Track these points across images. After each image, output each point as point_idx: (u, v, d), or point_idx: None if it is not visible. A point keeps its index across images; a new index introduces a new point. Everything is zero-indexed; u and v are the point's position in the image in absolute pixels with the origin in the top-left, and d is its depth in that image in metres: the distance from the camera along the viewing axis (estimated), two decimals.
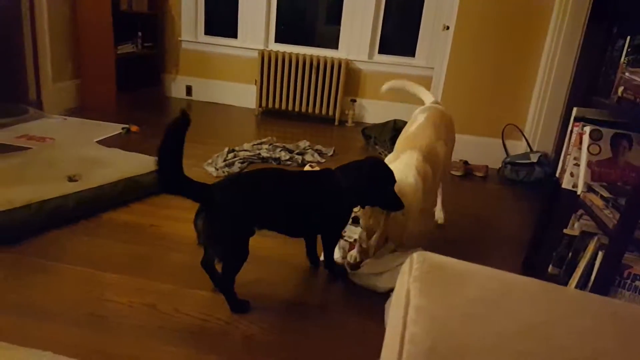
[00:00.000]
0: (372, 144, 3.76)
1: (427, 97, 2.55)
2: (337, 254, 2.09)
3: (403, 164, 1.98)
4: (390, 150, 3.61)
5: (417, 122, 2.25)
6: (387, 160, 2.05)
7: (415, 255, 0.66)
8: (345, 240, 2.16)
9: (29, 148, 3.12)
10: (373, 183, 1.77)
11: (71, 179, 2.40)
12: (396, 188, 1.88)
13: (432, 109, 2.32)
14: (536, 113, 3.49)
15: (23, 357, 1.38)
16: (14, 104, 3.88)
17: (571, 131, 1.90)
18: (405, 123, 3.95)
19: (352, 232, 2.22)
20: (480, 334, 0.56)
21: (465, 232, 2.57)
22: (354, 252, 2.03)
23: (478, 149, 3.60)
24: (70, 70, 4.34)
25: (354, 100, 4.70)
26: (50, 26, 4.02)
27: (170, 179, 1.49)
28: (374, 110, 4.71)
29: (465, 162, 3.46)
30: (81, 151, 2.86)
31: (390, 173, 1.79)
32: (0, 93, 3.81)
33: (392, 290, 1.78)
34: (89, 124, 3.94)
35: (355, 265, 1.97)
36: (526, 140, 3.55)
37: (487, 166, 3.51)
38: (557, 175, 1.99)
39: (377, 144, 3.71)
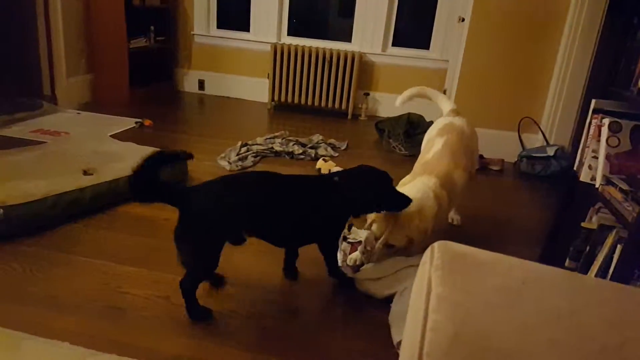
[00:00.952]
0: (386, 138, 3.74)
1: (445, 105, 2.46)
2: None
3: (421, 183, 1.99)
4: (404, 143, 3.61)
5: (434, 147, 2.15)
6: (402, 182, 2.04)
7: (436, 244, 0.65)
8: (348, 243, 2.12)
9: (44, 142, 3.15)
10: (379, 190, 1.74)
11: (86, 173, 2.42)
12: (413, 206, 1.87)
13: (450, 129, 2.21)
14: (553, 106, 3.44)
15: (41, 348, 1.40)
16: (28, 99, 3.92)
17: (590, 123, 1.87)
18: (420, 117, 3.95)
19: (356, 233, 2.18)
20: (505, 321, 0.54)
21: (481, 226, 2.54)
22: (355, 255, 1.97)
23: (493, 143, 3.56)
24: (83, 65, 4.37)
25: (367, 94, 4.68)
26: (64, 21, 4.05)
27: (144, 183, 1.41)
28: (387, 104, 4.67)
29: (481, 156, 3.42)
30: (96, 145, 2.88)
31: (387, 176, 1.77)
32: (16, 88, 3.86)
33: (389, 296, 1.76)
34: (103, 118, 3.98)
35: (356, 268, 1.93)
36: (542, 133, 3.49)
37: (502, 160, 3.47)
38: (574, 168, 1.96)
39: (390, 138, 3.69)
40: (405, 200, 1.76)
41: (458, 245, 0.65)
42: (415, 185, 1.99)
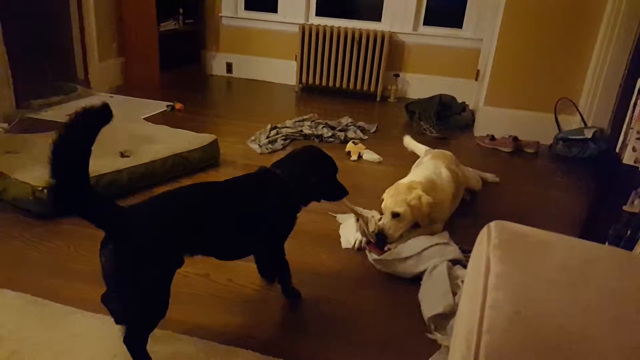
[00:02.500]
0: (417, 120, 3.69)
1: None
2: (352, 236, 2.01)
3: (431, 164, 2.21)
4: (436, 126, 3.55)
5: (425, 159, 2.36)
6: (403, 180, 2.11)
7: (492, 224, 0.65)
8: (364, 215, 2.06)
9: None
10: (322, 173, 1.58)
11: (123, 155, 2.47)
12: (429, 183, 2.01)
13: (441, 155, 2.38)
14: (592, 86, 3.32)
15: (88, 322, 1.45)
16: (63, 83, 4.01)
17: (635, 104, 1.80)
18: (451, 98, 3.88)
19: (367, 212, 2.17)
20: (568, 300, 0.54)
21: (515, 209, 2.49)
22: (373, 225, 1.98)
23: (529, 124, 3.47)
24: (115, 49, 4.44)
25: (397, 75, 4.60)
26: (96, 5, 4.11)
27: (69, 193, 1.07)
28: (417, 85, 4.59)
29: (515, 138, 3.34)
30: (130, 128, 2.93)
31: (332, 160, 1.63)
32: (51, 72, 3.94)
33: (418, 275, 1.76)
34: (134, 101, 4.04)
35: (382, 242, 1.92)
36: (580, 115, 3.39)
37: (538, 142, 3.38)
38: (617, 150, 1.90)
39: (421, 120, 3.64)
40: (344, 191, 1.65)
41: (515, 225, 0.64)
42: (425, 165, 2.21)
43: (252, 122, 3.56)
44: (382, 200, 2.01)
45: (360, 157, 2.98)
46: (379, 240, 1.93)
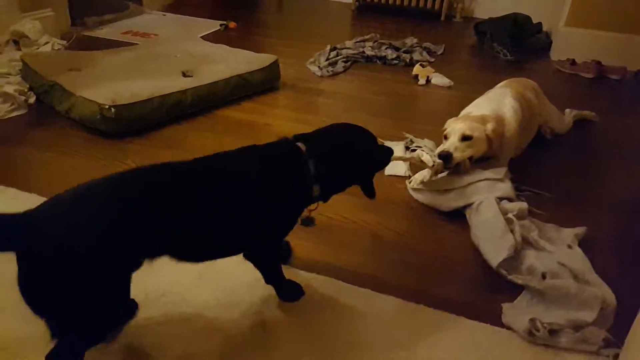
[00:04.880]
0: (488, 41, 3.39)
1: None
2: (399, 164, 1.87)
3: (498, 93, 1.98)
4: (510, 48, 3.24)
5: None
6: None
7: None
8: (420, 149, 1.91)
9: (136, 44, 3.15)
10: (366, 165, 1.26)
11: (185, 75, 2.40)
12: (498, 118, 1.79)
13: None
14: None
15: None
16: (116, 1, 3.90)
17: None
18: (527, 17, 3.52)
19: (418, 142, 2.04)
20: None
21: (595, 140, 2.29)
22: (420, 175, 1.79)
23: (614, 48, 3.13)
24: None
25: None
26: None
27: None
28: (488, 3, 4.17)
29: (598, 63, 3.03)
30: (188, 47, 2.83)
31: (366, 134, 1.27)
32: None
33: (455, 209, 1.65)
34: (187, 20, 3.90)
35: (447, 160, 1.71)
36: None
37: (625, 68, 3.05)
38: None
39: (494, 42, 3.33)
40: (390, 152, 1.34)
41: None
42: (491, 96, 1.99)
43: (308, 43, 3.37)
44: (445, 130, 1.82)
45: (428, 80, 2.79)
46: (444, 161, 1.72)
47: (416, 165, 1.80)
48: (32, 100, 2.30)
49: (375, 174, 1.32)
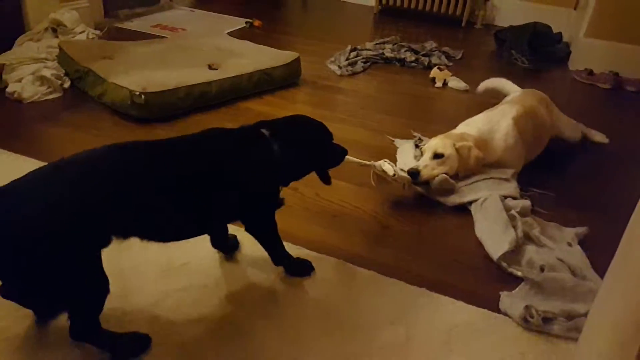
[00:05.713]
0: (507, 49, 3.44)
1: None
2: (409, 160, 1.89)
3: (495, 113, 1.97)
4: (528, 56, 3.30)
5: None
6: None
7: None
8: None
9: (165, 37, 3.28)
10: (318, 139, 1.34)
11: (211, 67, 2.51)
12: (481, 141, 1.81)
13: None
14: None
15: None
16: None
17: None
18: (547, 27, 3.56)
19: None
20: None
21: (612, 152, 2.33)
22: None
23: (633, 60, 3.15)
24: None
25: None
26: None
27: None
28: (509, 11, 4.21)
29: (615, 74, 3.06)
30: (216, 41, 2.94)
31: (324, 125, 1.36)
32: None
33: (460, 204, 1.72)
34: (214, 16, 4.03)
35: (415, 177, 1.75)
36: None
37: None
38: None
39: (513, 49, 3.39)
40: (342, 152, 1.40)
41: None
42: (487, 115, 1.97)
43: (329, 43, 3.47)
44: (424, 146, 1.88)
45: (445, 84, 2.86)
46: (412, 178, 1.74)
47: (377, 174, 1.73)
48: (67, 84, 2.44)
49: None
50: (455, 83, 2.85)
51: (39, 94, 2.32)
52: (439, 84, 2.86)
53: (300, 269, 1.38)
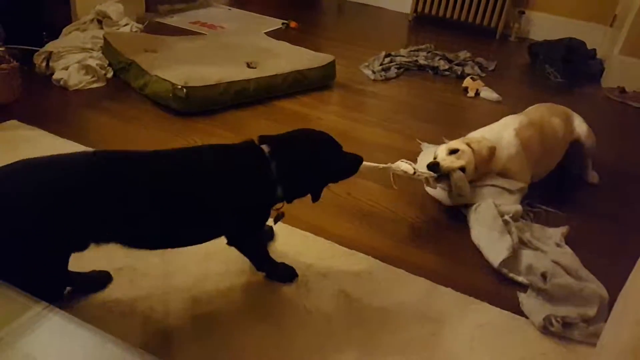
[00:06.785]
0: (541, 63, 3.44)
1: None
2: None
3: (502, 124, 1.95)
4: (562, 71, 3.29)
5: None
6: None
7: None
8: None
9: (203, 34, 3.38)
10: (330, 161, 1.29)
11: (250, 66, 2.58)
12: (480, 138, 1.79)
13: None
14: None
15: None
16: None
17: None
18: (581, 43, 3.55)
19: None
20: None
21: (619, 174, 2.31)
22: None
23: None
24: None
25: (523, 12, 4.25)
26: None
27: None
28: (544, 26, 4.20)
29: (622, 90, 3.04)
30: (255, 41, 3.03)
31: (331, 141, 1.31)
32: None
33: (456, 206, 1.76)
34: (251, 16, 4.11)
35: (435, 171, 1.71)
36: None
37: None
38: None
39: (546, 63, 3.39)
40: (356, 161, 1.36)
41: None
42: (492, 128, 1.93)
43: (363, 48, 3.52)
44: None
45: (477, 94, 2.88)
46: (433, 171, 1.70)
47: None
48: (110, 74, 2.54)
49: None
50: (488, 94, 2.87)
51: (84, 82, 2.43)
52: (471, 93, 2.88)
53: (282, 274, 1.37)
